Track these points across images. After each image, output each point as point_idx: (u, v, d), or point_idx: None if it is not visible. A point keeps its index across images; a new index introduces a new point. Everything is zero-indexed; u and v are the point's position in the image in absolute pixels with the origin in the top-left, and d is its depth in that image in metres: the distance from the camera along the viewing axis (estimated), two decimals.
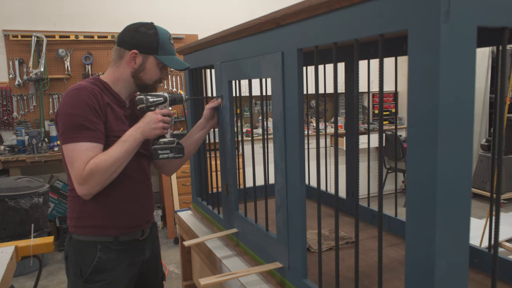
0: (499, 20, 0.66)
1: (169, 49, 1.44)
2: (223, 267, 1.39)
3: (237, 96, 1.45)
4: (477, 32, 0.63)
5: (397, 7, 0.67)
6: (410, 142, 0.67)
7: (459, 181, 0.65)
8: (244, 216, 1.41)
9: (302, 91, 1.01)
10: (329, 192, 1.85)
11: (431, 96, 0.62)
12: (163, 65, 1.44)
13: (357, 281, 0.88)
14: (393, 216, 1.47)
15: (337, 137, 0.92)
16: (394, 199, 1.53)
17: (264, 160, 1.34)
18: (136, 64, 1.40)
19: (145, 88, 1.45)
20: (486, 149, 5.14)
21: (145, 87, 1.45)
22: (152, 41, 1.40)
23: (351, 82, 1.63)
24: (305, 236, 1.06)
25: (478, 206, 4.95)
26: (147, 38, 1.39)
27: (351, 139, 1.68)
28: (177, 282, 3.32)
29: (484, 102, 5.58)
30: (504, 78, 0.74)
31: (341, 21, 0.81)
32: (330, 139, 5.13)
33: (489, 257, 1.12)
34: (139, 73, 1.42)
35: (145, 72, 1.42)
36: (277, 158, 1.16)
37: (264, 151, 1.35)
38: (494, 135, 0.95)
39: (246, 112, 5.52)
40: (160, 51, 1.41)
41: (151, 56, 1.41)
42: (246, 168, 4.84)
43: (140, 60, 1.40)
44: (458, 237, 0.66)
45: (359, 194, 0.86)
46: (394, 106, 5.89)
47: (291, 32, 1.00)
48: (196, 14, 5.10)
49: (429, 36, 0.61)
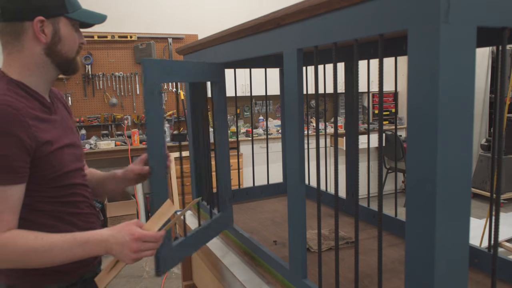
0: (499, 20, 0.66)
1: (76, 2, 1.09)
2: (223, 267, 1.39)
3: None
4: (477, 32, 0.63)
5: (397, 7, 0.67)
6: (410, 142, 0.67)
7: (459, 181, 0.65)
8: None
9: (302, 91, 1.01)
10: (329, 192, 1.85)
11: (431, 96, 0.62)
12: (76, 25, 1.10)
13: (357, 281, 0.88)
14: (393, 216, 1.47)
15: (337, 137, 0.92)
16: (394, 199, 1.53)
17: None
18: (48, 36, 1.03)
19: (69, 66, 1.10)
20: (486, 149, 5.14)
21: (69, 63, 1.10)
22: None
23: (351, 82, 1.63)
24: (305, 236, 1.06)
25: (478, 206, 4.95)
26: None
27: (351, 139, 1.68)
28: (177, 282, 3.32)
29: (484, 102, 5.58)
30: (504, 78, 0.74)
31: (341, 21, 0.81)
32: (330, 139, 5.13)
33: (489, 257, 1.12)
34: (55, 47, 1.05)
35: (63, 42, 1.06)
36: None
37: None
38: (494, 135, 0.95)
39: (246, 112, 5.52)
40: (69, 7, 1.05)
41: (62, 17, 1.05)
42: (246, 168, 4.84)
43: (50, 28, 1.03)
44: (458, 237, 0.66)
45: (359, 194, 0.86)
46: (394, 106, 5.89)
47: (291, 32, 1.00)
48: (196, 14, 5.10)
49: (429, 36, 0.61)
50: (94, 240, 0.99)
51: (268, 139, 2.08)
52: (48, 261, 0.98)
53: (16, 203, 0.97)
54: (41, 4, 1.01)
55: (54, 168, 1.04)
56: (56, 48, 1.05)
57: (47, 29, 1.03)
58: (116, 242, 0.99)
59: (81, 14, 1.08)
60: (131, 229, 1.00)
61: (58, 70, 1.10)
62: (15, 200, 0.97)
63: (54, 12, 1.03)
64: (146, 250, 1.00)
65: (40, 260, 0.97)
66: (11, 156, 0.93)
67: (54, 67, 1.08)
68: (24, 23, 1.02)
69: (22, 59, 1.04)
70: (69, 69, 1.11)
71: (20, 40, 1.03)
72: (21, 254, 0.94)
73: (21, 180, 0.97)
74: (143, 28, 4.89)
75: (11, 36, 1.03)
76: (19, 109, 0.96)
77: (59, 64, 1.08)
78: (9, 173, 0.94)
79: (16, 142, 0.94)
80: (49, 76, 1.09)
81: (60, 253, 0.97)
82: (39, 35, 1.02)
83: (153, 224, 1.07)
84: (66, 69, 1.11)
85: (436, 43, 0.60)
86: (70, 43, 1.08)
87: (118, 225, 1.03)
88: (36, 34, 1.02)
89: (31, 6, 1.00)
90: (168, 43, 4.97)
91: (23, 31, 1.02)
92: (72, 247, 0.98)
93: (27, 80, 1.05)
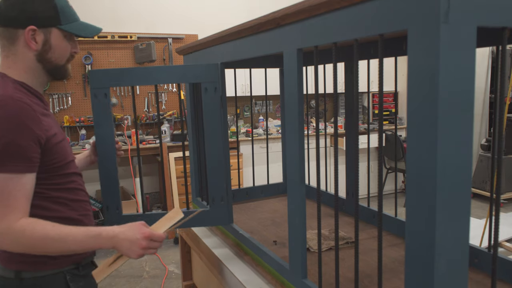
0: (499, 20, 0.66)
1: (72, 14, 1.16)
2: (223, 267, 1.39)
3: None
4: (477, 32, 0.63)
5: (397, 7, 0.67)
6: (410, 142, 0.67)
7: (459, 181, 0.65)
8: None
9: (302, 91, 1.01)
10: (329, 192, 1.85)
11: (431, 96, 0.62)
12: (70, 36, 1.17)
13: (357, 281, 0.88)
14: (393, 216, 1.47)
15: (336, 137, 0.93)
16: (394, 199, 1.53)
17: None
18: (39, 44, 1.11)
19: (58, 72, 1.19)
20: (486, 149, 5.14)
21: (58, 70, 1.18)
22: (49, 8, 1.10)
23: (351, 82, 1.63)
24: (305, 236, 1.06)
25: (478, 206, 4.95)
26: (40, 6, 1.09)
27: (351, 139, 1.68)
28: (177, 282, 3.32)
29: (484, 102, 5.58)
30: (504, 78, 0.74)
31: (341, 21, 0.81)
32: (330, 139, 5.13)
33: (489, 257, 1.12)
34: (45, 54, 1.13)
35: (53, 50, 1.14)
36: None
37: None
38: (494, 135, 0.95)
39: (246, 112, 5.52)
40: (63, 20, 1.13)
41: (54, 28, 1.12)
42: (246, 168, 4.84)
43: (41, 37, 1.11)
44: (458, 237, 0.66)
45: (359, 194, 0.86)
46: (394, 106, 5.89)
47: (291, 32, 1.00)
48: (196, 14, 5.10)
49: (429, 36, 0.61)
50: (105, 234, 1.09)
51: (268, 139, 2.08)
52: (61, 249, 1.07)
53: (30, 191, 1.07)
54: (34, 15, 1.09)
55: (60, 157, 1.14)
56: (47, 55, 1.14)
57: (38, 38, 1.11)
58: (126, 238, 1.09)
59: (74, 26, 1.16)
60: (141, 228, 1.12)
61: (49, 76, 1.19)
62: (29, 188, 1.06)
63: (46, 23, 1.11)
64: (151, 248, 1.12)
65: (54, 248, 1.05)
66: (26, 146, 1.02)
67: (45, 72, 1.17)
68: (18, 30, 1.10)
69: (18, 62, 1.13)
70: (58, 76, 1.20)
71: (15, 45, 1.12)
72: (38, 240, 1.03)
73: (34, 169, 1.06)
74: (143, 28, 4.89)
75: (8, 41, 1.12)
76: (31, 105, 1.05)
77: (49, 70, 1.16)
78: (24, 162, 1.03)
79: (31, 134, 1.03)
80: (41, 80, 1.18)
81: (73, 243, 1.06)
82: (30, 42, 1.10)
83: (160, 226, 1.20)
84: (55, 75, 1.19)
85: (436, 43, 0.60)
86: (60, 51, 1.15)
87: (127, 224, 1.14)
88: (27, 41, 1.10)
89: (25, 15, 1.09)
90: (168, 43, 4.97)
91: (17, 37, 1.11)
92: (85, 239, 1.07)
93: (26, 81, 1.14)
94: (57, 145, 1.12)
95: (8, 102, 1.02)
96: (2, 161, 1.01)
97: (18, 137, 1.01)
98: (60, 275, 1.17)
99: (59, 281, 1.17)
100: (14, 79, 1.11)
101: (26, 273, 1.13)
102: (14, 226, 1.02)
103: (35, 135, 1.04)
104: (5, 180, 1.02)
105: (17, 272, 1.13)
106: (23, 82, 1.12)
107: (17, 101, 1.02)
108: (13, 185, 1.02)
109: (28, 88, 1.12)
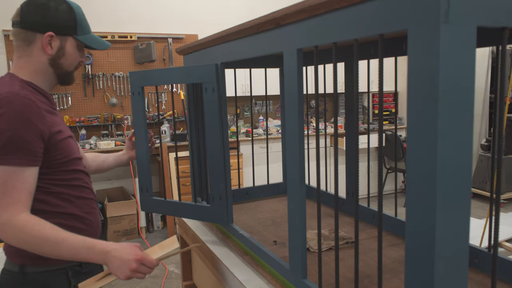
0: (499, 20, 0.66)
1: (87, 27, 1.25)
2: (223, 267, 1.39)
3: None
4: (477, 32, 0.63)
5: (397, 7, 0.67)
6: (410, 142, 0.67)
7: (459, 181, 0.65)
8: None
9: (302, 91, 1.01)
10: (329, 192, 1.85)
11: (431, 96, 0.62)
12: (81, 46, 1.25)
13: (357, 281, 0.88)
14: (393, 216, 1.47)
15: (336, 137, 0.92)
16: (394, 199, 1.53)
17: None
18: (54, 49, 1.18)
19: (66, 78, 1.25)
20: (486, 149, 5.14)
21: (66, 76, 1.25)
22: (69, 19, 1.17)
23: (351, 82, 1.63)
24: (305, 236, 1.06)
25: (478, 206, 4.95)
26: (62, 15, 1.16)
27: (351, 139, 1.68)
28: (177, 282, 3.32)
29: (484, 102, 5.58)
30: (504, 78, 0.74)
31: (341, 21, 0.81)
32: (330, 139, 5.14)
33: (489, 257, 1.12)
34: (58, 60, 1.20)
35: (65, 57, 1.21)
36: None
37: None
38: (494, 135, 0.95)
39: (246, 112, 5.52)
40: (79, 31, 1.21)
41: (70, 37, 1.19)
42: (246, 168, 4.84)
43: (57, 44, 1.18)
44: (458, 237, 0.66)
45: (359, 194, 0.86)
46: (394, 106, 5.89)
47: (291, 32, 1.00)
48: (196, 14, 5.10)
49: (429, 36, 0.61)
50: (99, 248, 1.09)
51: (268, 139, 2.08)
52: (55, 253, 1.07)
53: (32, 184, 1.09)
54: (55, 22, 1.16)
55: (64, 153, 1.17)
56: (59, 61, 1.20)
57: (54, 43, 1.18)
58: (118, 256, 1.09)
59: (87, 38, 1.24)
60: (135, 250, 1.12)
61: (57, 80, 1.25)
62: (31, 182, 1.08)
63: (64, 32, 1.18)
64: (140, 273, 1.11)
65: (48, 249, 1.07)
66: (29, 141, 1.06)
67: (55, 76, 1.23)
68: (36, 33, 1.16)
69: (31, 64, 1.18)
70: (65, 81, 1.26)
71: (30, 47, 1.17)
72: (35, 238, 1.05)
73: (36, 163, 1.09)
74: (143, 28, 4.90)
75: (24, 42, 1.17)
76: (35, 102, 1.10)
77: (59, 75, 1.23)
78: (27, 155, 1.06)
79: (34, 129, 1.07)
80: (50, 83, 1.24)
81: (67, 249, 1.07)
82: (46, 47, 1.17)
83: (153, 251, 1.19)
84: (63, 80, 1.26)
85: (436, 43, 0.60)
86: (71, 59, 1.23)
87: (123, 242, 1.15)
88: (43, 45, 1.16)
89: (46, 21, 1.15)
90: (168, 43, 4.97)
91: (34, 40, 1.17)
92: (79, 248, 1.08)
93: (35, 81, 1.20)
94: (62, 142, 1.16)
95: (13, 98, 1.06)
96: (5, 154, 1.04)
97: (21, 131, 1.04)
98: (63, 271, 1.19)
99: (61, 277, 1.19)
100: (22, 78, 1.16)
101: (29, 268, 1.16)
102: (15, 219, 1.04)
103: (39, 130, 1.07)
104: (8, 172, 1.04)
105: (21, 266, 1.15)
106: (31, 82, 1.17)
107: (22, 97, 1.07)
108: (15, 178, 1.05)
109: (36, 87, 1.17)
